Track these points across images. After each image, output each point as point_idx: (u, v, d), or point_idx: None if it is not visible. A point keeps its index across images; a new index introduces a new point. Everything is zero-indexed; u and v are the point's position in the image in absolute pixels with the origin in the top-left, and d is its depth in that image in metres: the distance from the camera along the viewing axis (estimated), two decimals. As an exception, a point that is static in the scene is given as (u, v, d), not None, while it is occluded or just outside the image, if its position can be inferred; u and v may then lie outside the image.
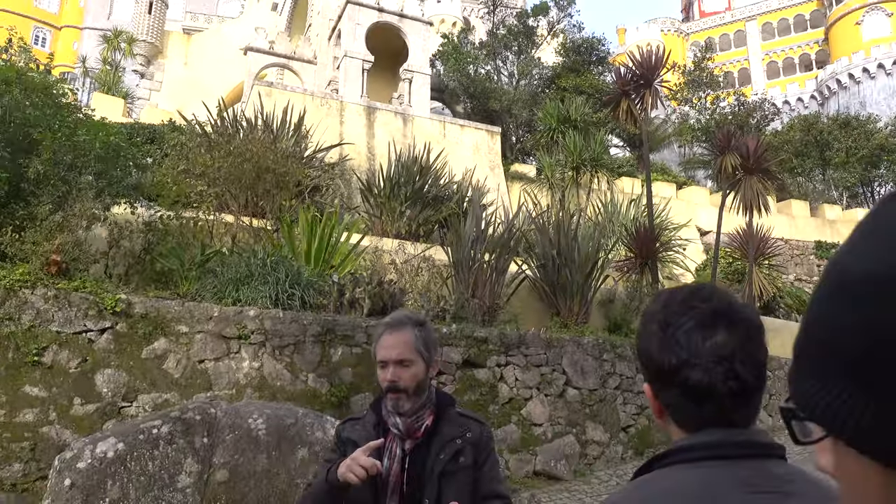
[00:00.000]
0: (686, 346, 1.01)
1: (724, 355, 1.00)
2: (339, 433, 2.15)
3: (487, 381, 7.58)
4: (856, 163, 32.68)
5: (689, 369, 1.00)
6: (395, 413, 2.03)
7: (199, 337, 6.24)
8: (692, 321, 1.02)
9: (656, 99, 12.35)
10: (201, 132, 12.16)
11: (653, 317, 1.07)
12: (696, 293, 1.07)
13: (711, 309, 1.03)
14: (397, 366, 2.02)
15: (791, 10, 63.72)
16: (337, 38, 23.51)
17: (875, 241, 0.44)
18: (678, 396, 1.02)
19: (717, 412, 1.00)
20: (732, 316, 1.03)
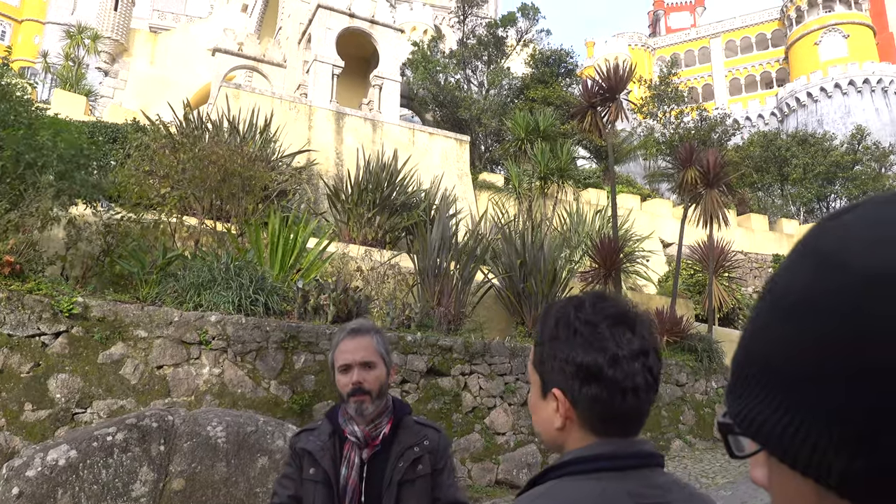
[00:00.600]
0: (612, 340, 1.05)
1: (643, 351, 1.06)
2: (294, 445, 2.11)
3: (451, 389, 7.59)
4: (813, 179, 33.70)
5: (616, 364, 1.04)
6: (357, 419, 2.02)
7: (158, 342, 6.12)
8: (610, 321, 1.07)
9: (622, 112, 12.57)
10: (166, 133, 11.97)
11: (569, 321, 1.09)
12: (602, 297, 1.13)
13: (621, 311, 1.10)
14: (362, 368, 2.02)
15: (753, 28, 65.57)
16: (307, 42, 23.38)
17: (811, 261, 0.45)
18: (603, 391, 1.04)
19: (636, 406, 1.05)
20: (636, 317, 1.10)
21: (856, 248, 0.43)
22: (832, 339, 0.42)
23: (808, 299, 0.44)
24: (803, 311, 0.44)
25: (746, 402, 0.48)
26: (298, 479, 2.04)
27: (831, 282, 0.43)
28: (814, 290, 0.44)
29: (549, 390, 1.09)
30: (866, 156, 35.58)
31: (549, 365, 1.09)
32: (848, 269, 0.42)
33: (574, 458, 1.05)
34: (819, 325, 0.43)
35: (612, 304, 1.10)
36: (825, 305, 0.43)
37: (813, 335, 0.43)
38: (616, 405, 1.04)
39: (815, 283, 0.44)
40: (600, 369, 1.04)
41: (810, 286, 0.44)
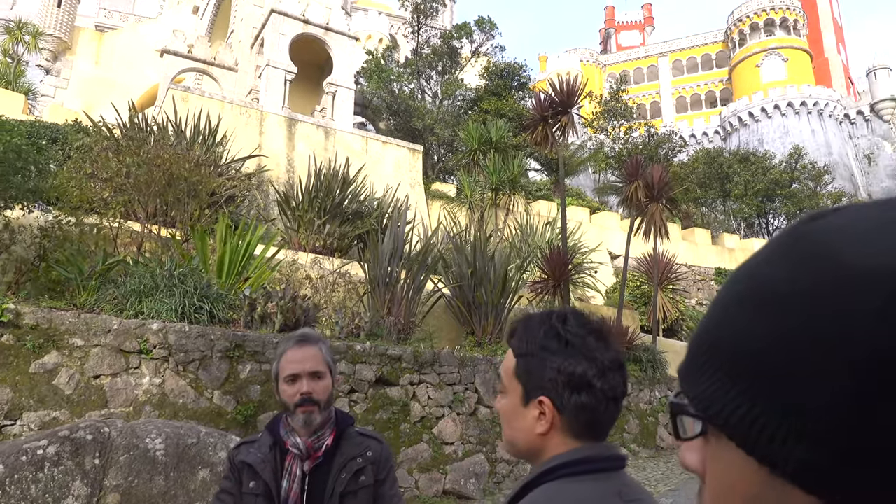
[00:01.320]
0: (601, 355, 1.13)
1: (620, 363, 1.16)
2: (232, 457, 2.05)
3: (400, 399, 7.55)
4: (753, 196, 34.97)
5: (604, 375, 1.12)
6: (301, 430, 1.99)
7: (95, 351, 5.91)
8: (594, 335, 1.15)
9: (572, 126, 12.81)
10: (110, 135, 11.61)
11: (558, 332, 1.15)
12: (580, 314, 1.20)
13: (598, 326, 1.18)
14: (311, 378, 2.00)
15: (699, 49, 67.87)
16: (260, 46, 23.07)
17: (798, 255, 0.46)
18: (590, 399, 1.12)
19: (615, 414, 1.15)
20: (609, 332, 1.19)
21: (848, 244, 0.44)
22: (813, 333, 0.43)
23: (790, 293, 0.45)
24: (785, 303, 0.45)
25: (707, 386, 0.49)
26: (238, 493, 1.99)
27: (819, 276, 0.44)
28: (798, 283, 0.45)
29: (534, 398, 1.15)
30: (803, 174, 37.13)
31: (538, 374, 1.15)
32: (839, 263, 0.43)
33: (565, 461, 1.11)
34: (800, 318, 0.44)
35: (590, 320, 1.18)
36: (808, 300, 0.44)
37: (795, 328, 0.44)
38: (601, 413, 1.12)
39: (801, 277, 0.45)
40: (591, 379, 1.11)
41: (794, 279, 0.45)
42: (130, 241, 9.52)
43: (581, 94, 12.74)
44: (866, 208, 0.46)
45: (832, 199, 36.16)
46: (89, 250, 8.02)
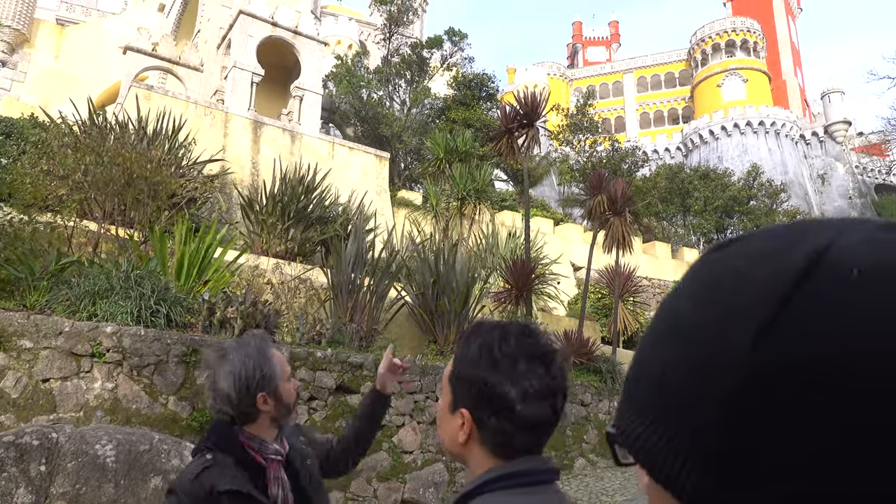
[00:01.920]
0: (527, 381, 1.10)
1: (553, 389, 1.12)
2: (214, 489, 1.76)
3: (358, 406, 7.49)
4: (712, 211, 35.81)
5: (525, 400, 1.09)
6: (270, 435, 1.96)
7: (45, 353, 5.72)
8: (529, 358, 1.12)
9: (538, 138, 12.96)
10: (68, 131, 11.30)
11: (491, 349, 1.13)
12: (527, 332, 1.16)
13: (543, 347, 1.14)
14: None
15: (663, 67, 69.42)
16: (227, 47, 22.79)
17: (697, 293, 0.48)
18: (507, 424, 1.10)
19: (535, 439, 1.12)
20: (556, 355, 1.15)
21: (730, 279, 0.45)
22: (696, 364, 0.44)
23: (684, 324, 0.47)
24: (678, 334, 0.47)
25: (628, 415, 0.50)
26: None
27: (705, 308, 0.46)
28: (692, 314, 0.47)
29: (459, 407, 1.15)
30: (760, 192, 38.19)
31: (465, 386, 1.14)
32: (723, 296, 0.45)
33: (500, 475, 1.10)
34: (688, 349, 0.45)
35: (535, 341, 1.15)
36: (694, 331, 0.45)
37: (682, 359, 0.46)
38: (516, 440, 1.10)
39: (695, 308, 0.47)
40: (511, 404, 1.09)
41: (690, 310, 0.47)
42: (86, 241, 9.27)
43: (546, 108, 12.91)
44: (758, 239, 0.47)
45: (787, 217, 37.22)
46: (42, 249, 7.78)
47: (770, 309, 0.41)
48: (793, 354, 0.40)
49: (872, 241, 0.42)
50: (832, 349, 0.39)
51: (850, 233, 0.43)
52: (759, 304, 0.42)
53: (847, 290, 0.40)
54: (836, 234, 0.43)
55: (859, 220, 0.45)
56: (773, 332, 0.41)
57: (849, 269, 0.40)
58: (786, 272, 0.42)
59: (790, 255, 0.43)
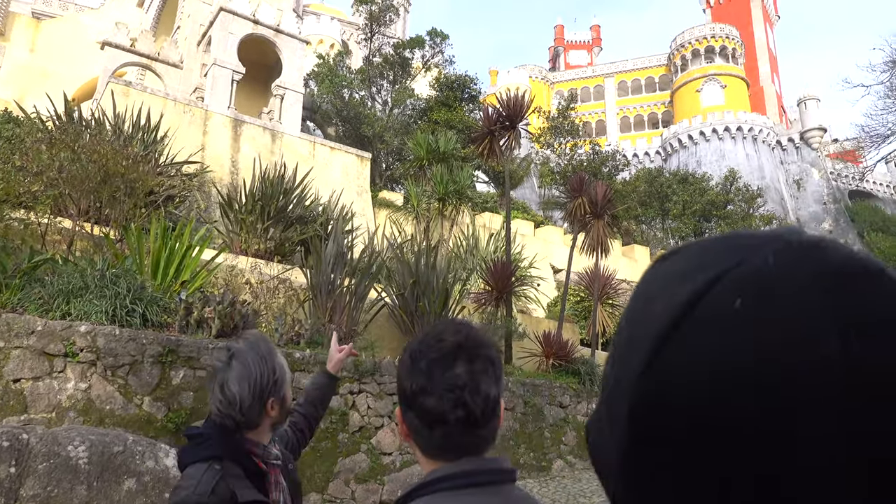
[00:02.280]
0: (426, 375, 1.11)
1: (457, 385, 1.10)
2: (236, 499, 1.72)
3: (339, 408, 7.45)
4: (690, 215, 36.19)
5: (424, 396, 1.10)
6: (269, 437, 1.95)
7: (16, 353, 5.61)
8: (436, 353, 1.13)
9: (519, 140, 13.00)
10: (43, 126, 11.11)
11: (408, 347, 1.17)
12: (449, 328, 1.17)
13: (456, 343, 1.13)
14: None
15: (644, 72, 70.08)
16: (207, 44, 22.57)
17: (633, 302, 0.49)
18: (416, 420, 1.12)
19: (444, 438, 1.11)
20: (473, 351, 1.13)
21: (648, 296, 0.48)
22: (614, 379, 0.47)
23: (616, 339, 0.49)
24: (614, 348, 0.49)
25: (595, 411, 0.52)
26: None
27: (626, 324, 0.48)
28: (621, 330, 0.49)
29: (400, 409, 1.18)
30: (737, 197, 38.65)
31: (397, 387, 1.18)
32: (641, 314, 0.47)
33: (443, 475, 1.09)
34: (612, 364, 0.48)
35: (451, 336, 1.15)
36: (617, 350, 0.48)
37: (609, 374, 0.48)
38: (426, 437, 1.11)
39: (623, 323, 0.49)
40: (412, 399, 1.11)
41: (622, 325, 0.49)
42: (60, 239, 9.11)
43: (528, 111, 12.95)
44: (682, 257, 0.48)
45: (764, 222, 37.75)
46: (15, 247, 7.62)
47: (651, 345, 0.43)
48: (658, 398, 0.42)
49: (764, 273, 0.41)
50: (686, 398, 0.40)
51: (755, 257, 0.42)
52: (646, 339, 0.43)
53: (717, 330, 0.40)
54: (738, 261, 0.43)
55: (781, 235, 0.44)
56: (652, 368, 0.42)
57: (730, 303, 0.41)
58: (672, 308, 0.43)
59: (684, 287, 0.43)
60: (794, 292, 0.40)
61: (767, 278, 0.41)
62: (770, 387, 0.38)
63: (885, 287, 0.40)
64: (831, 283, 0.40)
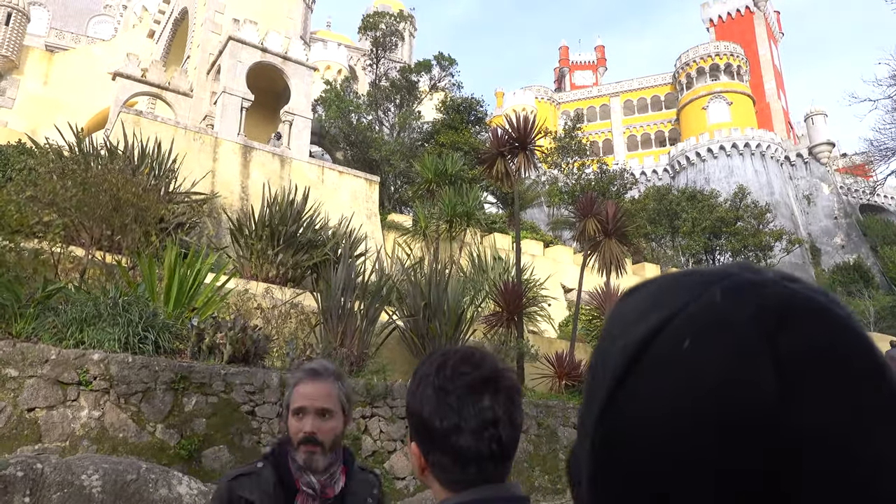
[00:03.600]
0: (457, 412, 1.06)
1: (491, 421, 1.06)
2: (232, 490, 1.87)
3: (351, 433, 7.40)
4: (700, 232, 36.05)
5: (458, 434, 1.05)
6: (308, 470, 1.88)
7: (30, 382, 5.62)
8: (463, 387, 1.08)
9: (530, 161, 13.04)
10: (55, 157, 11.25)
11: (427, 380, 1.10)
12: (468, 359, 1.12)
13: (481, 376, 1.09)
14: (317, 416, 1.89)
15: (649, 90, 70.33)
16: (216, 73, 22.89)
17: (599, 341, 0.50)
18: (445, 458, 1.07)
19: (478, 473, 1.07)
20: (498, 382, 1.10)
21: (605, 333, 0.49)
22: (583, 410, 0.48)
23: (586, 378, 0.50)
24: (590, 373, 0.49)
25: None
26: None
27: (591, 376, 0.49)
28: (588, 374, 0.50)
29: (412, 441, 1.13)
30: (747, 213, 38.50)
31: (411, 419, 1.12)
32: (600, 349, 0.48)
33: (459, 503, 1.07)
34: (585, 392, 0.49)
35: (473, 368, 1.10)
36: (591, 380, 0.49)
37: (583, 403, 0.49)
38: (458, 473, 1.07)
39: (588, 373, 0.50)
40: (444, 438, 1.06)
41: (589, 369, 0.50)
42: (73, 268, 9.18)
43: (536, 132, 13.01)
44: (641, 295, 0.48)
45: (774, 237, 37.54)
46: (28, 276, 7.69)
47: (608, 386, 0.44)
48: (613, 438, 0.43)
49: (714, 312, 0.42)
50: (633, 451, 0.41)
51: (704, 296, 0.43)
52: (604, 381, 0.45)
53: (666, 372, 0.41)
54: (688, 301, 0.43)
55: (731, 273, 0.44)
56: (608, 410, 0.44)
57: (679, 343, 0.41)
58: (627, 348, 0.44)
59: (638, 327, 0.44)
60: (734, 331, 0.40)
61: (712, 317, 0.41)
62: (708, 428, 0.38)
63: (828, 324, 0.40)
64: (772, 321, 0.40)
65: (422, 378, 1.12)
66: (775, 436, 0.37)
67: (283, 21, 25.88)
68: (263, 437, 6.64)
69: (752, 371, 0.38)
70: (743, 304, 0.41)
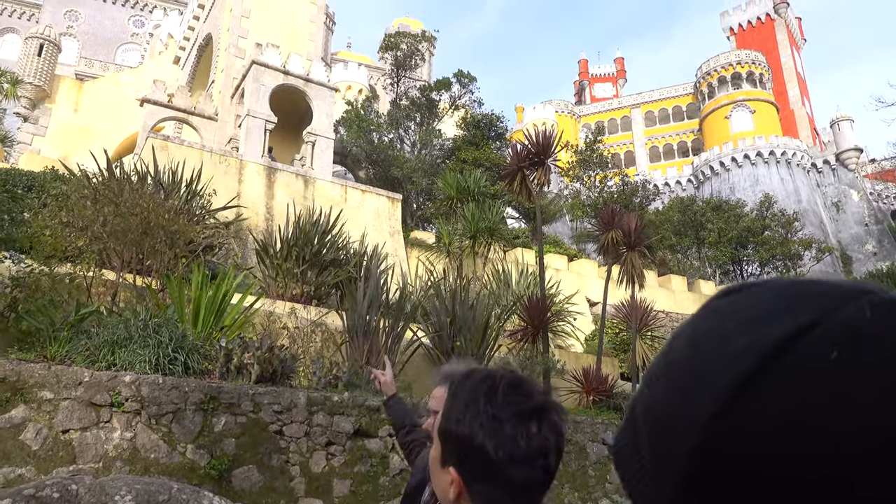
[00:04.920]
0: (513, 441, 1.03)
1: (543, 451, 1.05)
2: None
3: (378, 451, 7.41)
4: (727, 243, 35.58)
5: (513, 465, 1.03)
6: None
7: (65, 404, 5.75)
8: (516, 416, 1.05)
9: (549, 176, 13.03)
10: (87, 183, 11.55)
11: (476, 406, 1.07)
12: (518, 387, 1.09)
13: (533, 405, 1.07)
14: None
15: (670, 101, 69.93)
16: (240, 96, 23.32)
17: (696, 334, 0.49)
18: (495, 489, 1.04)
19: (530, 499, 1.06)
20: (548, 412, 1.08)
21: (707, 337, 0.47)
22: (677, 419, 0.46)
23: (666, 365, 0.49)
24: (663, 374, 0.48)
25: (621, 430, 0.53)
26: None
27: (683, 355, 0.47)
28: (681, 367, 0.48)
29: (448, 464, 1.09)
30: (774, 222, 37.95)
31: (451, 443, 1.09)
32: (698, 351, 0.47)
33: None
34: (665, 391, 0.48)
35: (524, 396, 1.08)
36: (682, 385, 0.47)
37: (668, 405, 0.47)
38: (503, 501, 1.05)
39: (685, 364, 0.48)
40: (497, 467, 1.03)
41: (682, 360, 0.48)
42: (105, 291, 9.38)
43: (557, 146, 13.01)
44: (756, 297, 0.47)
45: (803, 246, 36.91)
46: (62, 300, 7.87)
47: (732, 389, 0.42)
48: (731, 439, 0.41)
49: (860, 323, 0.41)
50: (772, 448, 0.40)
51: (848, 308, 0.42)
52: (722, 378, 0.43)
53: (810, 379, 0.40)
54: (829, 309, 0.42)
55: (871, 289, 0.43)
56: (734, 408, 0.42)
57: (826, 353, 0.40)
58: (759, 350, 0.42)
59: (770, 329, 0.43)
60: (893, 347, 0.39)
61: (865, 331, 0.40)
62: (860, 441, 0.37)
63: None
64: None
65: (468, 403, 1.07)
66: None
67: (304, 44, 26.33)
68: (292, 457, 6.68)
69: None
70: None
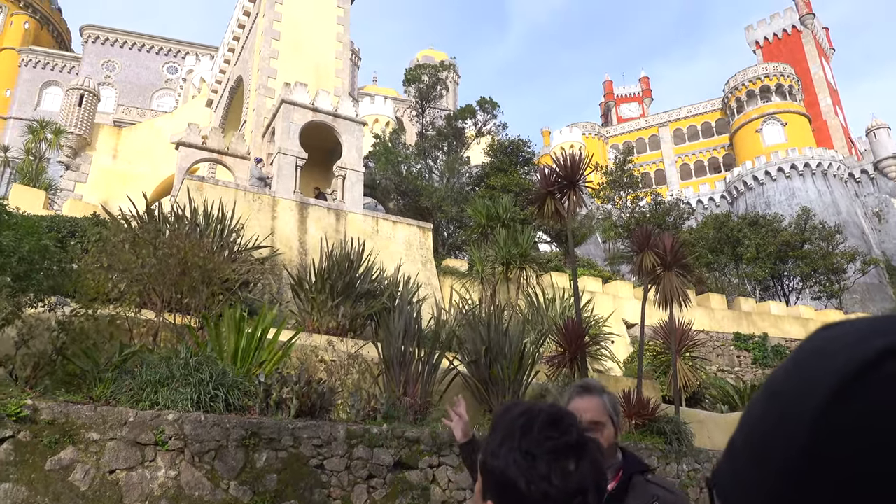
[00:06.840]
0: (546, 478, 1.02)
1: (580, 489, 1.04)
2: None
3: (419, 483, 7.35)
4: (765, 258, 34.81)
5: (549, 502, 1.02)
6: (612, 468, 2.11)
7: (111, 444, 5.85)
8: (551, 453, 1.04)
9: (580, 198, 12.98)
10: (127, 227, 11.88)
11: (511, 441, 1.07)
12: (555, 423, 1.09)
13: (568, 442, 1.06)
14: (590, 427, 2.09)
15: (698, 118, 69.40)
16: (271, 135, 23.85)
17: (802, 355, 0.53)
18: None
19: None
20: (585, 447, 1.08)
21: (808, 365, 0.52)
22: (782, 424, 0.50)
23: (771, 390, 0.53)
24: (767, 398, 0.53)
25: (724, 465, 0.57)
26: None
27: (788, 380, 0.52)
28: (777, 382, 0.53)
29: (487, 498, 1.10)
30: (814, 235, 37.07)
31: (491, 478, 1.09)
32: (799, 377, 0.51)
33: None
34: (769, 413, 0.52)
35: (562, 432, 1.07)
36: (784, 396, 0.51)
37: (759, 419, 0.52)
38: None
39: (781, 378, 0.53)
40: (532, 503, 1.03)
41: (780, 379, 0.53)
42: (146, 331, 9.57)
43: (585, 169, 12.97)
44: (848, 327, 0.52)
45: (846, 258, 35.93)
46: (105, 341, 8.06)
47: (837, 386, 0.46)
48: (847, 434, 0.45)
49: None
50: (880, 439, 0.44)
51: None
52: (825, 379, 0.47)
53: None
54: None
55: None
56: (837, 409, 0.46)
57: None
58: (852, 362, 0.47)
59: (867, 344, 0.47)
60: None
61: None
62: None
63: None
64: None
65: (504, 437, 1.08)
66: None
67: (331, 80, 26.89)
68: (333, 491, 6.67)
69: None
70: None
